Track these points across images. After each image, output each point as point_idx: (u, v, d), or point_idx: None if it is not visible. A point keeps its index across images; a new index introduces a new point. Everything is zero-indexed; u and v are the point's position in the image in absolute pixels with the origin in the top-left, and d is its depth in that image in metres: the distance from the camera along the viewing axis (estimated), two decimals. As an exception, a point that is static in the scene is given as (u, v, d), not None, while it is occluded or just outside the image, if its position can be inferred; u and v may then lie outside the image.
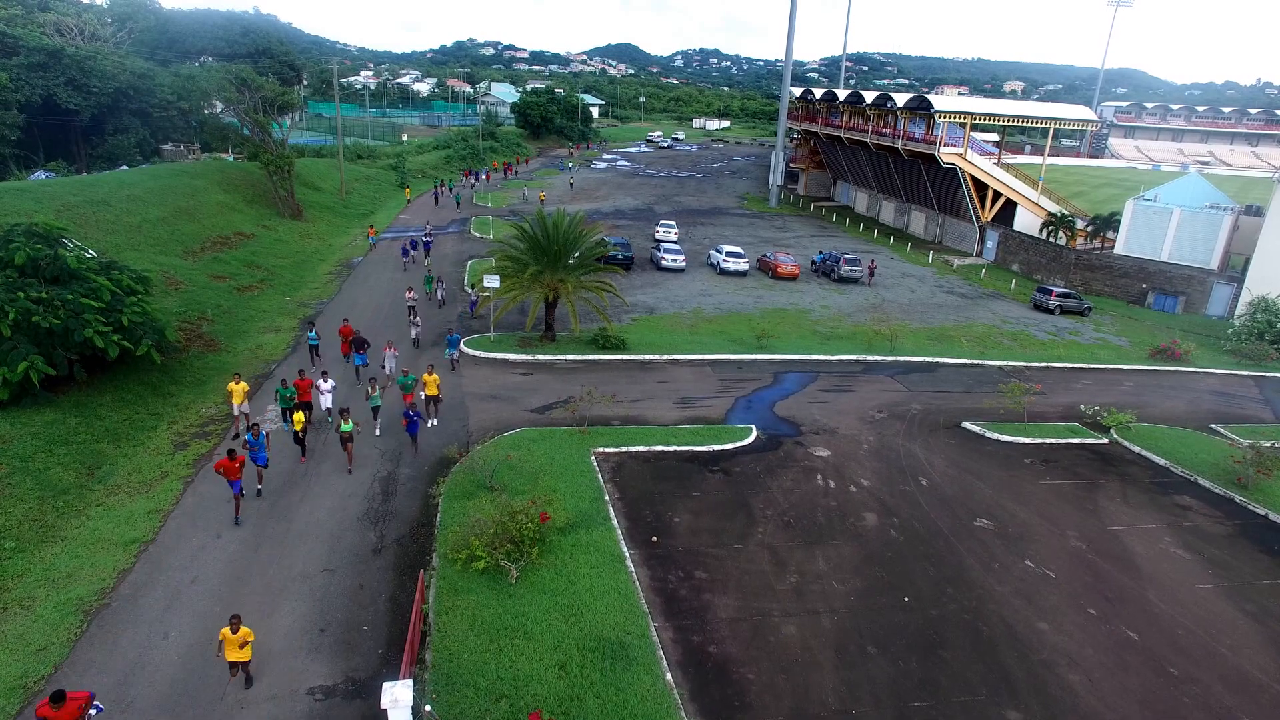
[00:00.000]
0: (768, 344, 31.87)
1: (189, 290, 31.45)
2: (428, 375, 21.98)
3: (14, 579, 14.52)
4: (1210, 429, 26.52)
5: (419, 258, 42.49)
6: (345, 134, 71.25)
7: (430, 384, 21.93)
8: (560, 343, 30.22)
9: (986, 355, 33.33)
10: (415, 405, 21.30)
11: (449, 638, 13.36)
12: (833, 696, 13.07)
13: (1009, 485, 21.36)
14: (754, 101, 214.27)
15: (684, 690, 12.86)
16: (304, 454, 20.02)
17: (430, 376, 21.95)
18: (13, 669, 12.36)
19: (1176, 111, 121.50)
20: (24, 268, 20.91)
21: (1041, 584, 16.73)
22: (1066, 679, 13.82)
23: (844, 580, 16.39)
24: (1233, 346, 36.39)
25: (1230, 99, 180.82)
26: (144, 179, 41.74)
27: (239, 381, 21.00)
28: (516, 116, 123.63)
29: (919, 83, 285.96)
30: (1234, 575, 17.62)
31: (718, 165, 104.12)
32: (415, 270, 40.30)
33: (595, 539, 16.72)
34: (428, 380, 21.91)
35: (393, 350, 25.50)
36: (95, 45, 61.41)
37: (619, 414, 23.70)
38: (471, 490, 18.23)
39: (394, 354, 25.46)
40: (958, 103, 66.80)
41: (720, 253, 46.06)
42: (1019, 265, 52.98)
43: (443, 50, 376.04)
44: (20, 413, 19.22)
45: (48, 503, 16.82)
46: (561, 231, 28.93)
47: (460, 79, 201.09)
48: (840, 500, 19.77)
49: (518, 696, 12.19)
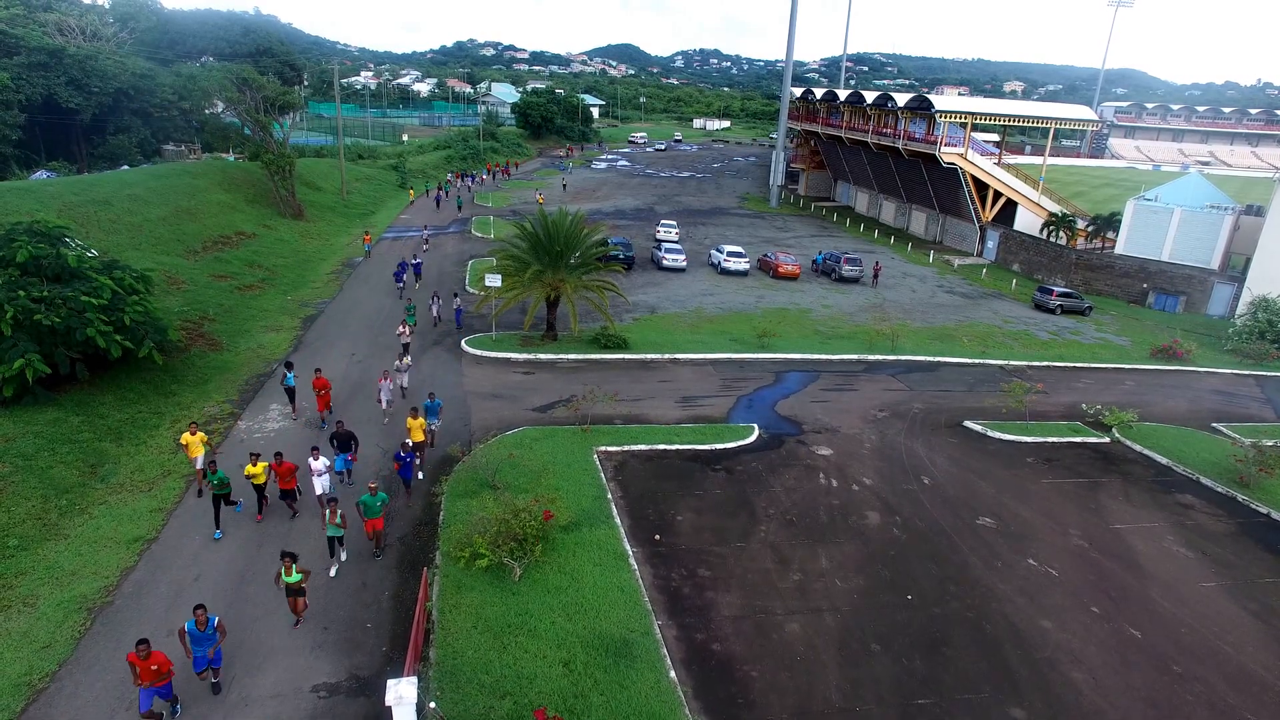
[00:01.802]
0: (769, 343, 31.87)
1: (190, 289, 31.46)
2: (412, 419, 19.06)
3: (17, 577, 14.52)
4: (1212, 428, 26.52)
5: (411, 281, 37.42)
6: (346, 134, 71.25)
7: (415, 429, 19.00)
8: (562, 342, 30.22)
9: (988, 354, 33.33)
10: (407, 445, 18.31)
11: (453, 635, 13.36)
12: (836, 694, 13.07)
13: (1011, 484, 21.36)
14: (754, 102, 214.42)
15: (688, 688, 12.85)
16: (261, 511, 17.25)
17: (415, 421, 19.04)
18: (17, 666, 12.36)
19: (1177, 112, 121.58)
20: (26, 266, 20.88)
21: (1044, 582, 16.72)
22: (1070, 677, 13.82)
23: (847, 578, 16.39)
24: (1234, 346, 36.39)
25: (1230, 99, 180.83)
26: (145, 179, 41.75)
27: (195, 431, 17.88)
28: (517, 117, 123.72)
29: (919, 83, 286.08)
30: (1236, 573, 17.62)
31: (718, 165, 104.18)
32: (413, 296, 35.89)
33: (598, 537, 16.72)
34: (412, 425, 19.00)
35: (388, 382, 22.43)
36: (96, 45, 61.39)
37: (621, 413, 23.70)
38: (474, 489, 18.23)
39: (389, 385, 22.45)
40: (959, 103, 66.83)
41: (721, 252, 46.07)
42: (1020, 265, 52.98)
43: (443, 51, 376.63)
44: (23, 411, 19.22)
45: (51, 501, 16.82)
46: (563, 231, 28.95)
47: (460, 79, 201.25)
48: (843, 499, 19.77)
49: (522, 694, 12.19)
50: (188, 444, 17.88)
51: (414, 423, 19.00)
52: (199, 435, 17.90)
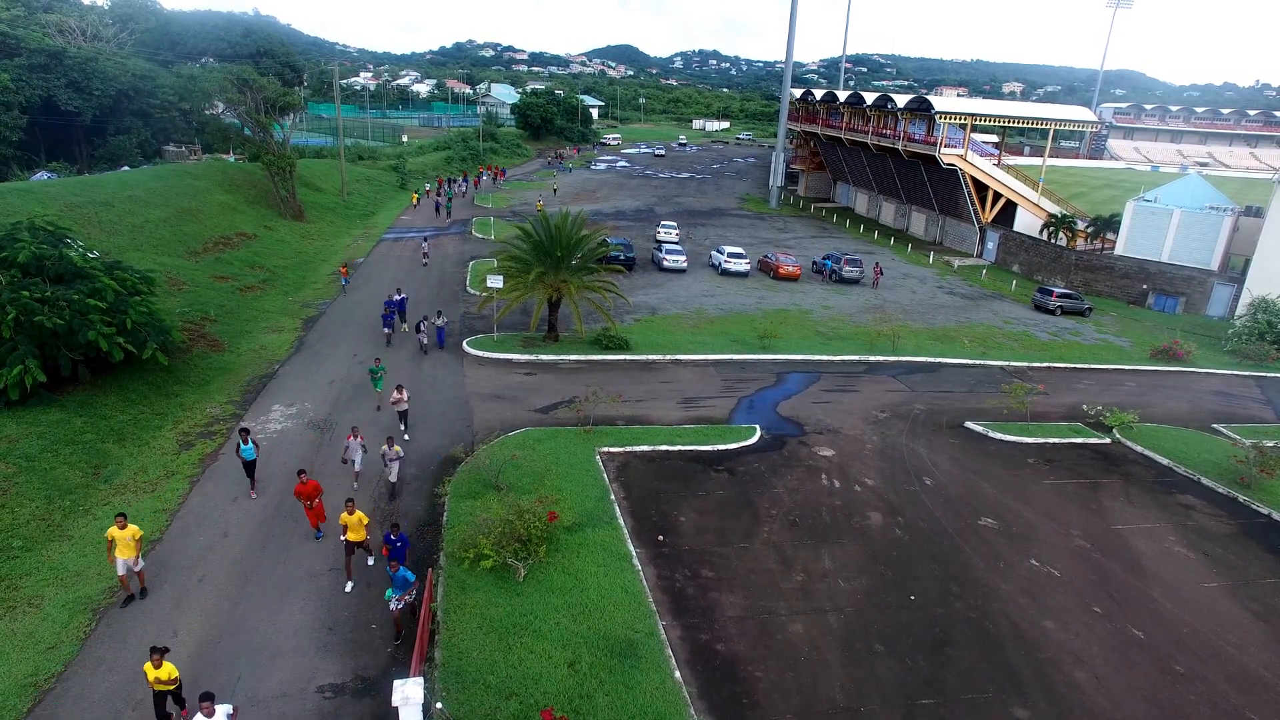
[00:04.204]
0: (770, 344, 31.91)
1: (192, 290, 31.47)
2: (347, 515, 14.87)
3: (22, 578, 14.54)
4: (1212, 429, 26.59)
5: (398, 324, 30.74)
6: (345, 135, 71.20)
7: (352, 526, 14.89)
8: (563, 343, 30.26)
9: (988, 355, 33.39)
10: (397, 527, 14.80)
11: (458, 636, 13.39)
12: (840, 694, 13.11)
13: (1013, 485, 21.41)
14: (753, 103, 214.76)
15: (693, 688, 12.89)
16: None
17: (351, 516, 14.88)
18: (23, 667, 12.38)
19: (1175, 113, 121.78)
20: (27, 266, 20.87)
21: (1047, 583, 16.77)
22: (1073, 677, 13.87)
23: (850, 579, 16.43)
24: (1234, 347, 36.48)
25: (1229, 100, 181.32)
26: (146, 179, 41.77)
27: (124, 525, 13.64)
28: (517, 118, 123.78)
29: (918, 84, 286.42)
30: (1238, 574, 17.67)
31: (718, 166, 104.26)
32: (404, 342, 29.87)
33: (602, 538, 16.75)
34: (348, 521, 14.87)
35: (358, 440, 18.60)
36: (97, 46, 61.45)
37: (623, 414, 23.73)
38: (477, 489, 18.25)
39: (360, 444, 18.62)
40: (959, 104, 66.91)
41: (721, 253, 46.11)
42: (1019, 266, 53.07)
43: (442, 51, 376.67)
44: (26, 413, 19.23)
45: (54, 502, 16.83)
46: (565, 233, 28.99)
47: (460, 80, 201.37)
48: (845, 499, 19.81)
49: (527, 694, 12.22)
50: (113, 539, 13.57)
51: (350, 518, 14.81)
52: (130, 530, 13.67)
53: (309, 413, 22.78)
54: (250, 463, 17.85)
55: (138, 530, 13.86)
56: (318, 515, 16.33)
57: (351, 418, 21.78)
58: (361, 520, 14.93)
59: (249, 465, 17.88)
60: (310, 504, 16.13)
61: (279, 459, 19.81)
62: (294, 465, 19.43)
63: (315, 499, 16.13)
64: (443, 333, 29.75)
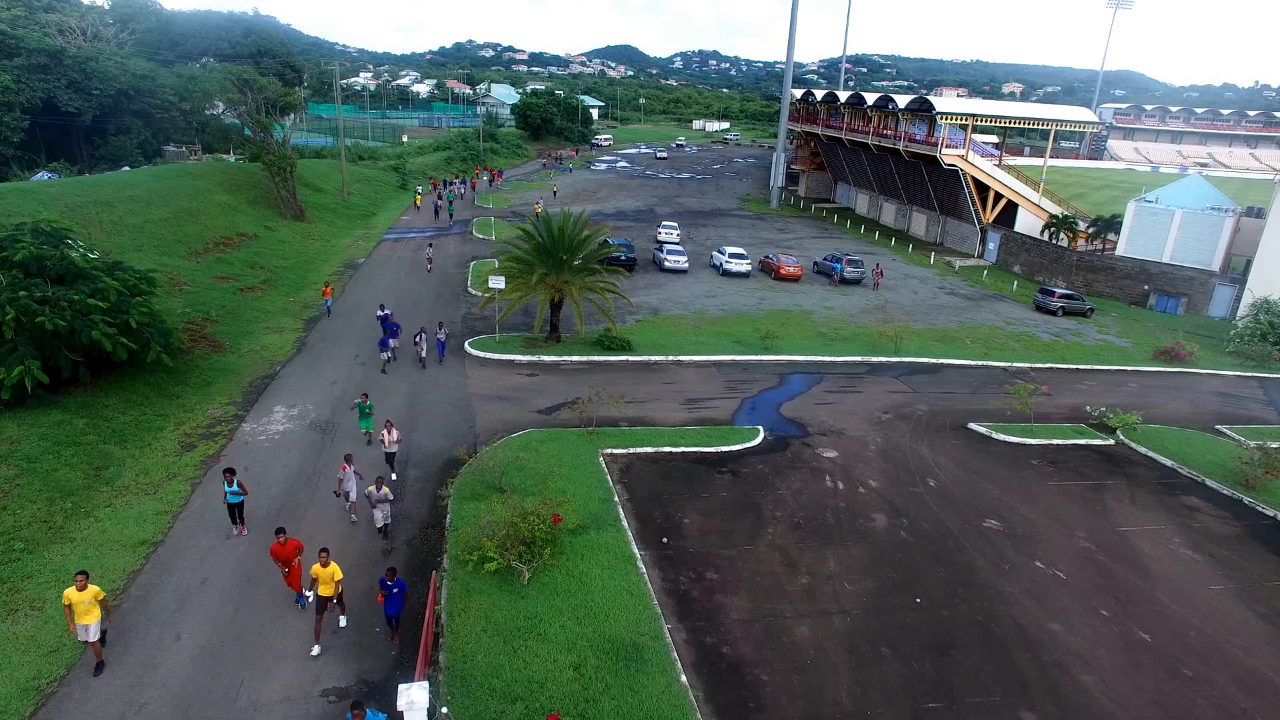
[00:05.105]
0: (772, 345, 31.86)
1: (193, 291, 31.39)
2: (320, 567, 13.24)
3: (24, 580, 14.46)
4: (1216, 430, 26.54)
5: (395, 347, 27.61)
6: (346, 135, 71.14)
7: (324, 580, 13.23)
8: (565, 343, 30.19)
9: (990, 356, 33.34)
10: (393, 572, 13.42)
11: (462, 639, 13.32)
12: (847, 698, 13.05)
13: (1017, 486, 21.36)
14: (753, 103, 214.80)
15: (699, 692, 12.82)
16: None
17: (325, 569, 13.21)
18: (25, 670, 12.30)
19: (1175, 114, 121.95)
20: (28, 266, 20.79)
21: (1052, 585, 16.72)
22: (1080, 680, 13.81)
23: (855, 581, 16.37)
24: (1236, 348, 36.44)
25: (1229, 101, 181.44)
26: (146, 180, 41.68)
27: (84, 585, 12.00)
28: (517, 118, 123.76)
29: (918, 84, 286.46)
30: (1244, 576, 17.62)
31: (718, 167, 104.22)
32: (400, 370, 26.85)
33: (606, 540, 16.69)
34: (320, 574, 13.23)
35: (352, 469, 17.09)
36: (97, 46, 61.35)
37: (626, 415, 23.67)
38: (481, 492, 18.19)
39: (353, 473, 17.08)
40: (960, 104, 66.86)
41: (723, 254, 46.04)
42: (1021, 267, 53.03)
43: (442, 52, 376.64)
44: (27, 414, 19.15)
45: (56, 504, 16.75)
46: (567, 234, 28.92)
47: (460, 80, 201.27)
48: (849, 501, 19.75)
49: (533, 698, 12.15)
50: (70, 602, 11.92)
51: (322, 571, 13.20)
52: (90, 590, 12.05)
53: (311, 414, 22.71)
54: (234, 506, 16.26)
55: (99, 591, 12.16)
56: (296, 578, 14.36)
57: (352, 418, 21.71)
58: (334, 575, 13.19)
59: (233, 509, 16.30)
60: (287, 569, 14.26)
61: (281, 460, 19.75)
62: (297, 468, 19.44)
63: (294, 560, 14.25)
64: (443, 346, 28.23)
